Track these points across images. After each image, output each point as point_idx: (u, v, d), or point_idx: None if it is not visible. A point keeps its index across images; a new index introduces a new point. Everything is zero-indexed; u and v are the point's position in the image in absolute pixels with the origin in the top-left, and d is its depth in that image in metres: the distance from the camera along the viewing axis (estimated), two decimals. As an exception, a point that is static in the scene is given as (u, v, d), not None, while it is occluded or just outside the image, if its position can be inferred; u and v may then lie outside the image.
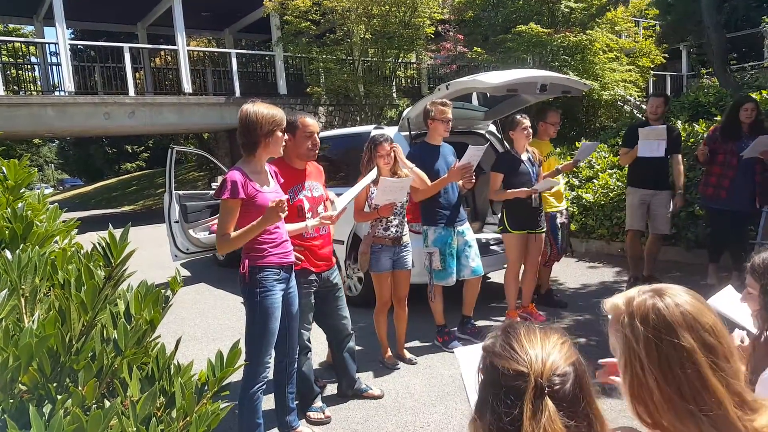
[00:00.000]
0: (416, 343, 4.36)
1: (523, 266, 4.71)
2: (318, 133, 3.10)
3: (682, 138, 6.04)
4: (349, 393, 3.50)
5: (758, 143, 4.65)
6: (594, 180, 7.58)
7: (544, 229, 4.68)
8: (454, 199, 4.17)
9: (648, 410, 1.07)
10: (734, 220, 5.03)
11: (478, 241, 5.16)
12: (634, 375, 1.07)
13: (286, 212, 2.59)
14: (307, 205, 3.09)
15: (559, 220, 5.02)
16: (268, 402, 3.01)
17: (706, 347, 1.04)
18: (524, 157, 4.52)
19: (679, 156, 5.27)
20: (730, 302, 2.01)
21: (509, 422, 0.94)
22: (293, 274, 2.89)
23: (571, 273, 5.49)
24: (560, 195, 5.06)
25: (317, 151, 3.13)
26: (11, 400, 1.09)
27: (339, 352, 3.45)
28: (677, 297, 1.10)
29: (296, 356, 3.02)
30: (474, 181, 4.10)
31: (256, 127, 2.60)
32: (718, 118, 7.69)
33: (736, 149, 4.86)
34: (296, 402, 3.11)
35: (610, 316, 1.17)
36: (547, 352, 0.99)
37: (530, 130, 4.50)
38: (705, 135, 5.34)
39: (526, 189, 4.41)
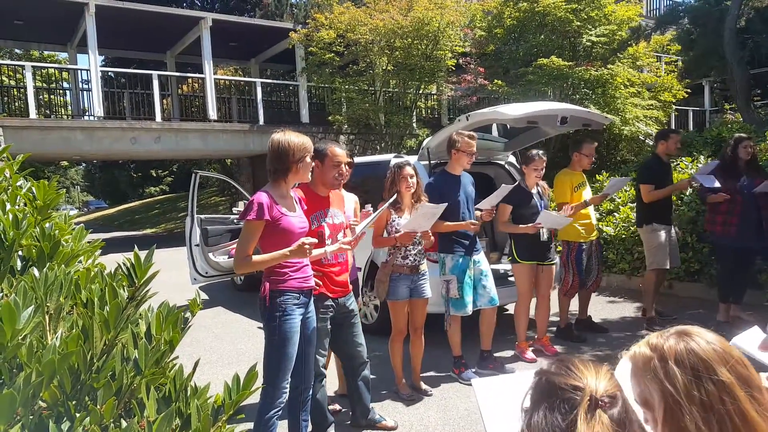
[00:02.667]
0: (432, 374, 4.30)
1: (535, 299, 4.66)
2: (345, 164, 3.14)
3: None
4: (363, 423, 3.46)
5: None
6: (615, 213, 7.51)
7: (554, 262, 4.67)
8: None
9: None
10: (744, 256, 5.05)
11: (497, 271, 5.14)
12: (675, 422, 1.05)
13: (312, 254, 2.64)
14: (327, 232, 3.12)
15: (586, 253, 4.98)
16: (281, 429, 2.99)
17: (742, 379, 1.05)
18: (534, 191, 4.58)
19: None
20: (756, 342, 1.95)
21: (563, 429, 0.99)
22: (312, 299, 2.90)
23: (591, 307, 5.40)
24: (590, 227, 5.01)
25: (343, 181, 3.18)
26: (31, 416, 1.11)
27: (354, 380, 3.42)
28: (704, 335, 1.11)
29: (311, 383, 3.00)
30: (494, 214, 4.13)
31: (288, 155, 2.67)
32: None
33: (738, 187, 4.92)
34: (309, 430, 3.09)
35: (631, 366, 1.15)
36: (600, 377, 1.05)
37: (543, 167, 4.55)
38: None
39: (531, 225, 4.40)
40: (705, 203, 5.18)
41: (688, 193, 6.41)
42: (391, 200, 3.51)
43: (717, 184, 4.89)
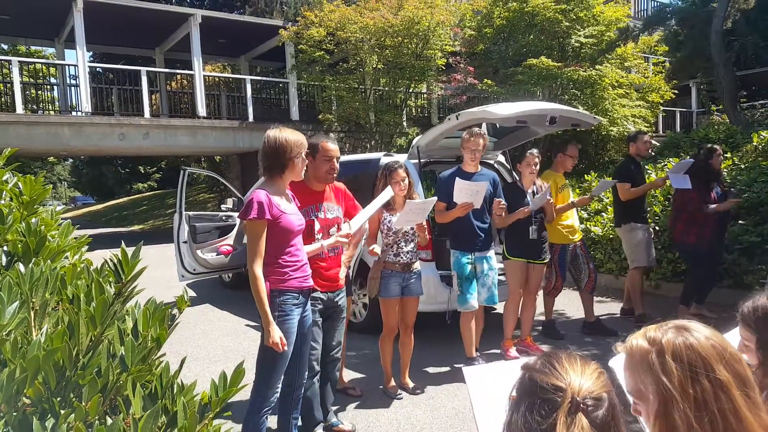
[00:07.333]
0: (420, 373, 4.31)
1: (522, 297, 4.69)
2: (338, 159, 3.16)
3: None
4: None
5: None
6: (603, 213, 7.57)
7: (546, 261, 4.69)
8: (476, 225, 4.17)
9: None
10: (716, 261, 5.31)
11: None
12: (669, 417, 1.03)
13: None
14: (317, 226, 3.12)
15: (570, 254, 5.05)
16: (270, 424, 2.98)
17: (738, 378, 1.03)
18: (530, 190, 4.59)
19: None
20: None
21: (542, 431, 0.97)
22: (309, 299, 2.90)
23: (578, 306, 5.44)
24: (574, 229, 5.07)
25: (335, 175, 3.18)
26: (15, 413, 1.10)
27: (321, 372, 3.36)
28: (703, 330, 1.08)
29: (304, 381, 3.00)
30: (503, 207, 4.15)
31: (285, 151, 2.66)
32: (729, 155, 7.70)
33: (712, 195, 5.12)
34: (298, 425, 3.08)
35: (626, 358, 1.13)
36: (586, 376, 1.02)
37: (537, 165, 4.58)
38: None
39: (522, 210, 4.39)
40: (701, 213, 4.96)
41: (660, 196, 6.62)
42: (386, 196, 3.52)
43: (689, 185, 4.94)
